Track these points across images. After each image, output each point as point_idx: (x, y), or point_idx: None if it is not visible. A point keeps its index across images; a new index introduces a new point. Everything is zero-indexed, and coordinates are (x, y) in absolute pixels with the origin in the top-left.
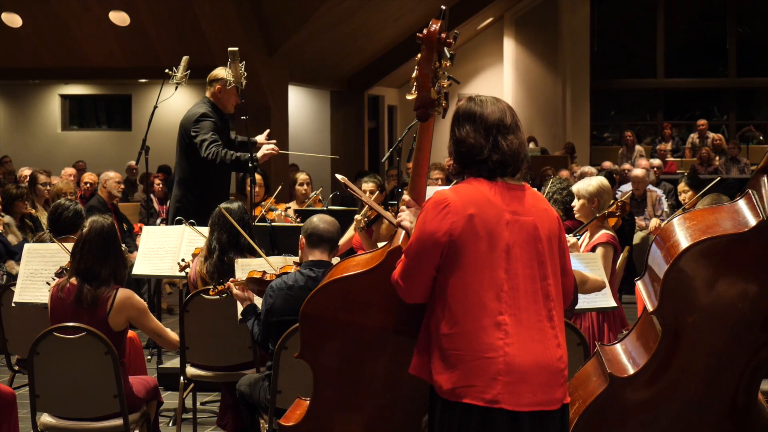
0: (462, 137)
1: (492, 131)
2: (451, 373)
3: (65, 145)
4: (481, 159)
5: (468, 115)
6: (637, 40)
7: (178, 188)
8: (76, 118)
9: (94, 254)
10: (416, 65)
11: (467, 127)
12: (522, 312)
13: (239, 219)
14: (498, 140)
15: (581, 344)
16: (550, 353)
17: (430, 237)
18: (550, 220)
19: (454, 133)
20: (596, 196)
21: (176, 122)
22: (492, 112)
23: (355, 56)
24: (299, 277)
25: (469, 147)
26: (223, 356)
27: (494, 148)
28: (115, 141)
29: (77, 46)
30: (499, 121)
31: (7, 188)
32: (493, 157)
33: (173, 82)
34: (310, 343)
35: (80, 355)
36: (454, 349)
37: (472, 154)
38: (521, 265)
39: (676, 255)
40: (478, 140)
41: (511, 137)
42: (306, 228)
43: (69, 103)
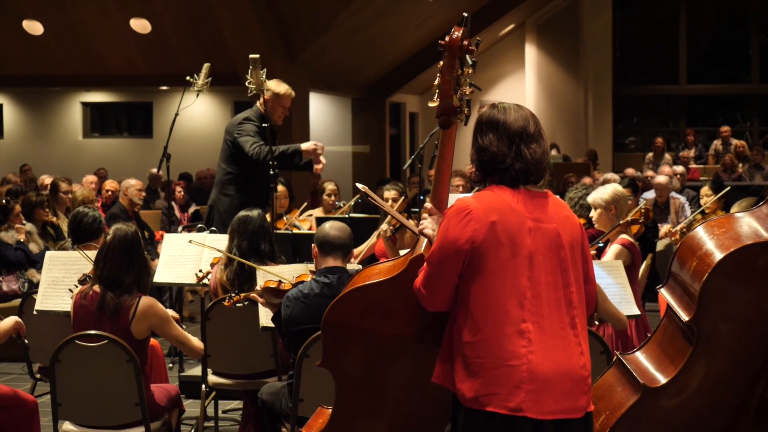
0: (485, 145)
1: (515, 140)
2: (474, 381)
3: (86, 152)
4: (503, 167)
5: (491, 123)
6: (660, 46)
7: (214, 190)
8: (97, 126)
9: (118, 262)
10: (438, 73)
11: (490, 136)
12: (545, 319)
13: (259, 226)
14: (521, 149)
15: (604, 352)
16: (573, 361)
17: (452, 244)
18: (572, 227)
19: (476, 140)
20: (612, 203)
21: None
22: (515, 119)
23: (376, 63)
24: (314, 284)
25: (492, 155)
26: (245, 364)
27: (517, 157)
28: (136, 148)
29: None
30: (523, 130)
31: (28, 196)
32: (516, 165)
33: (194, 89)
34: (332, 352)
35: (102, 363)
36: (476, 356)
37: (494, 163)
38: (544, 273)
39: (713, 264)
40: (501, 149)
41: (534, 146)
42: (317, 236)
43: (90, 111)
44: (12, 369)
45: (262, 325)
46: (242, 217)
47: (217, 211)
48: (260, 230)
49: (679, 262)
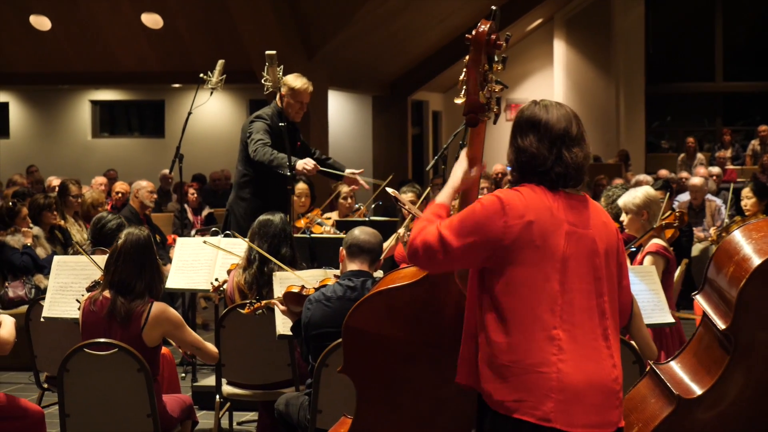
0: (524, 146)
1: (557, 142)
2: (500, 384)
3: (96, 153)
4: (542, 170)
5: (532, 122)
6: (695, 42)
7: (232, 192)
8: (106, 125)
9: (129, 267)
10: (464, 68)
11: (531, 136)
12: (576, 328)
13: (281, 230)
14: (562, 152)
15: (637, 362)
16: (604, 373)
17: (476, 226)
18: (609, 234)
19: (515, 140)
20: (644, 207)
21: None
22: (558, 120)
23: (398, 59)
24: (337, 287)
25: (531, 156)
26: (261, 374)
27: (557, 161)
28: (148, 148)
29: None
30: (565, 132)
31: (35, 198)
32: (556, 169)
33: (208, 87)
34: (354, 358)
35: (112, 372)
36: (504, 359)
37: (533, 165)
38: (578, 280)
39: (751, 270)
40: (541, 151)
41: (576, 149)
42: (347, 240)
43: (99, 110)
44: (18, 378)
45: (279, 333)
46: (263, 220)
47: (234, 215)
48: (282, 234)
49: (716, 267)
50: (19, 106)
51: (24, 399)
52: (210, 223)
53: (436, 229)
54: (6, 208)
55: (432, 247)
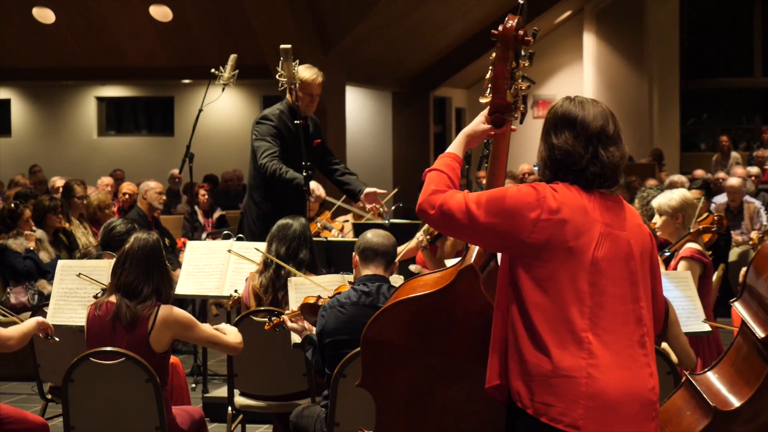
0: (558, 144)
1: (593, 140)
2: (529, 384)
3: (101, 152)
4: (577, 169)
5: (567, 120)
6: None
7: (246, 195)
8: (113, 123)
9: (136, 270)
10: (490, 66)
11: (566, 133)
12: (609, 334)
13: (300, 234)
14: (598, 151)
15: (671, 373)
16: (641, 382)
17: (510, 209)
18: (643, 237)
19: (549, 136)
20: (680, 211)
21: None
22: (594, 117)
23: (419, 54)
24: (352, 293)
25: (566, 154)
26: (276, 384)
27: (593, 160)
28: (156, 147)
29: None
30: (602, 130)
31: (40, 200)
32: (591, 168)
33: (220, 82)
34: (373, 371)
35: (119, 382)
36: (533, 360)
37: (568, 163)
38: (610, 283)
39: None
40: (577, 149)
41: (612, 149)
42: (359, 244)
43: (106, 106)
44: (21, 389)
45: (294, 342)
46: (283, 223)
47: (246, 218)
48: (301, 238)
49: (755, 272)
50: (22, 103)
51: (27, 411)
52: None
53: (463, 197)
54: (8, 209)
55: (453, 212)
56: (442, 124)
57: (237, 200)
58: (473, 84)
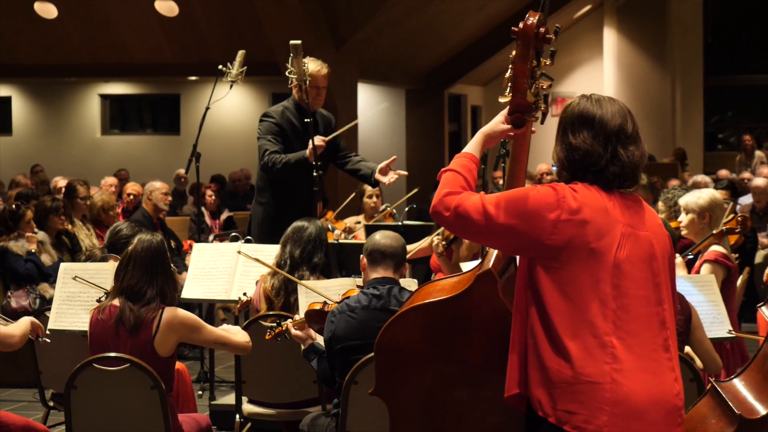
0: (577, 144)
1: (612, 139)
2: (551, 392)
3: (105, 151)
4: (596, 170)
5: (585, 119)
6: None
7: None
8: (117, 121)
9: (140, 273)
10: (510, 64)
11: (584, 133)
12: (633, 337)
13: (316, 237)
14: (618, 150)
15: (695, 380)
16: (666, 387)
17: (530, 211)
18: (664, 239)
19: (566, 136)
20: (707, 210)
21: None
22: (612, 116)
23: (434, 50)
24: (361, 297)
25: (585, 154)
26: (285, 391)
27: (613, 159)
28: (162, 147)
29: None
30: (620, 128)
31: (42, 201)
32: (611, 168)
33: (227, 79)
34: (387, 378)
35: (123, 389)
36: (554, 366)
37: (586, 163)
38: (633, 285)
39: None
40: (596, 149)
41: (632, 147)
42: (366, 246)
43: (109, 104)
44: (22, 396)
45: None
46: (298, 225)
47: (253, 220)
48: (316, 241)
49: None
50: (23, 101)
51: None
52: (229, 228)
53: (479, 198)
54: (9, 211)
55: (469, 214)
56: (458, 122)
57: (245, 201)
58: (490, 81)
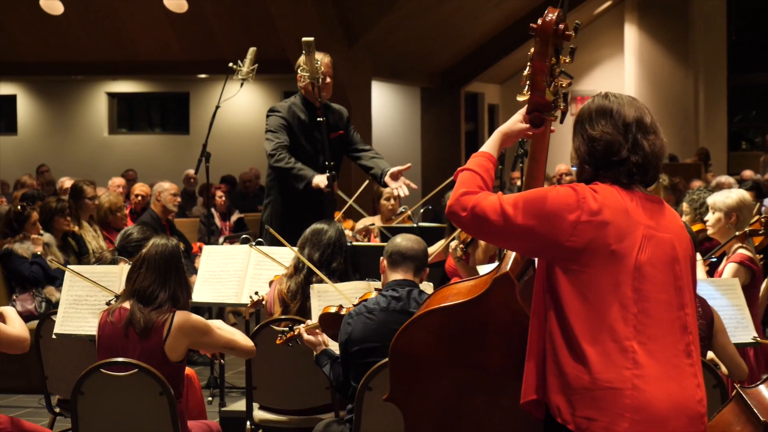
0: (595, 135)
1: (631, 128)
2: (570, 398)
3: (112, 151)
4: (618, 159)
5: (602, 111)
6: None
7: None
8: (125, 120)
9: (152, 276)
10: (528, 61)
11: (602, 123)
12: (654, 342)
13: (336, 240)
14: (638, 139)
15: (718, 386)
16: (688, 393)
17: (549, 211)
18: (686, 241)
19: (584, 130)
20: (735, 210)
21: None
22: (629, 107)
23: (450, 47)
24: (380, 298)
25: (607, 144)
26: (297, 397)
27: (634, 148)
28: (171, 146)
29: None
30: (639, 119)
31: (47, 202)
32: (633, 158)
33: (238, 77)
34: (402, 384)
35: (131, 395)
36: (573, 372)
37: (608, 153)
38: (655, 289)
39: None
40: (617, 137)
41: (652, 137)
42: (387, 248)
43: (117, 103)
44: (28, 402)
45: None
46: (317, 228)
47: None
48: (336, 245)
49: None
50: (28, 99)
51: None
52: (240, 230)
53: (497, 199)
54: (14, 212)
55: (487, 214)
56: (474, 121)
57: (256, 202)
58: (507, 79)
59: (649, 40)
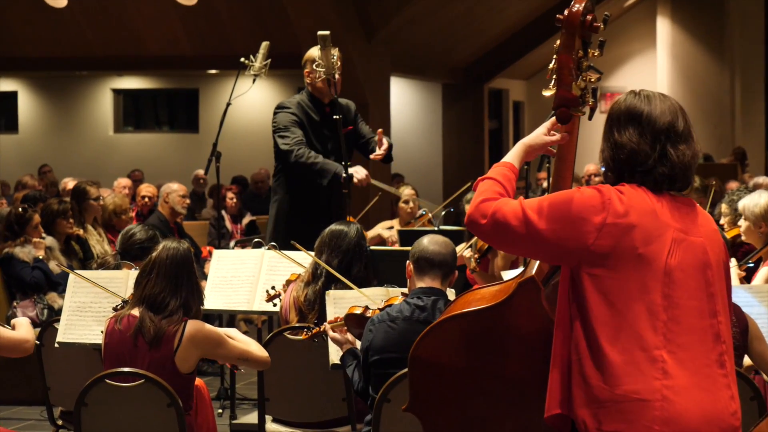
0: (622, 142)
1: (660, 137)
2: (596, 411)
3: (118, 150)
4: (644, 170)
5: (632, 115)
6: None
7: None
8: (131, 118)
9: (163, 282)
10: (555, 54)
11: (630, 130)
12: (685, 351)
13: (355, 245)
14: (667, 149)
15: (755, 398)
16: (721, 406)
17: (574, 214)
18: (719, 245)
19: (611, 134)
20: (763, 220)
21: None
22: (662, 112)
23: (473, 41)
24: (404, 306)
25: (631, 154)
26: (312, 410)
27: (662, 159)
28: (179, 145)
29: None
30: (670, 126)
31: (48, 204)
32: (660, 169)
33: (250, 73)
34: (421, 394)
35: (138, 406)
36: (600, 383)
37: (633, 163)
38: (686, 295)
39: None
40: (642, 147)
41: (682, 147)
42: (413, 252)
43: (123, 100)
44: (29, 414)
45: (333, 362)
46: (336, 230)
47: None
48: (356, 249)
49: None
50: (30, 96)
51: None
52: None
53: (518, 204)
54: (15, 214)
55: (508, 220)
56: (499, 119)
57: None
58: (533, 74)
59: (683, 34)
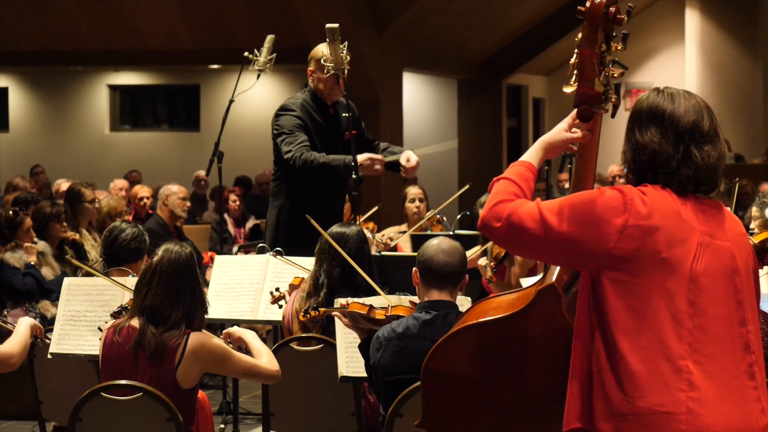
0: (644, 142)
1: (684, 138)
2: (618, 425)
3: (114, 150)
4: (666, 172)
5: (654, 114)
6: None
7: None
8: (128, 116)
9: (165, 290)
10: (576, 48)
11: (652, 129)
12: (712, 362)
13: (358, 250)
14: (691, 150)
15: None
16: (751, 419)
17: (595, 216)
18: (747, 250)
19: (633, 133)
20: None
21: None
22: (686, 111)
23: (490, 34)
24: (412, 322)
25: (652, 155)
26: (319, 425)
27: (685, 160)
28: (179, 145)
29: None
30: (695, 126)
31: (40, 206)
32: (683, 171)
33: (254, 68)
34: (435, 408)
35: (135, 421)
36: (622, 396)
37: (654, 164)
38: (713, 303)
39: None
40: (665, 148)
41: (707, 148)
42: (419, 258)
43: (120, 96)
44: (20, 429)
45: (341, 375)
46: (336, 235)
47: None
48: (359, 254)
49: None
50: (22, 93)
51: None
52: (255, 238)
53: (535, 205)
54: (6, 218)
55: (524, 223)
56: (517, 117)
57: None
58: (554, 70)
59: (713, 27)
